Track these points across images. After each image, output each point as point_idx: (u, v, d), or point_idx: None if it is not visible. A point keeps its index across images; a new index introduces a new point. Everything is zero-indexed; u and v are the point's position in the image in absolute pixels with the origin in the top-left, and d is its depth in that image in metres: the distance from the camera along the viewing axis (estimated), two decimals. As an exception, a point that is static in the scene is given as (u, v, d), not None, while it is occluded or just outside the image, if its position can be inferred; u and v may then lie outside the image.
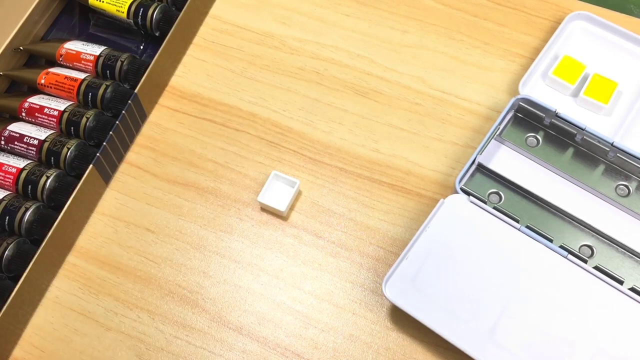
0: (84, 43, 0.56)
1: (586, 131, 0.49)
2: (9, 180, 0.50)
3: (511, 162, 0.50)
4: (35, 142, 0.51)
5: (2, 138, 0.52)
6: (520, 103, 0.51)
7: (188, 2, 0.56)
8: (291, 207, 0.51)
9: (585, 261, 0.45)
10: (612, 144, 0.48)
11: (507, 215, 0.47)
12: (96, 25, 0.60)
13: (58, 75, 0.55)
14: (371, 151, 0.53)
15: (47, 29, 0.60)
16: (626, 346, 0.43)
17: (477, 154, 0.49)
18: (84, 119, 0.52)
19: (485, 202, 0.48)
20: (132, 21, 0.57)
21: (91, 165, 0.50)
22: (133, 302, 0.48)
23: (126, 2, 0.57)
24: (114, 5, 0.57)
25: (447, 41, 0.57)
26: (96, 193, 0.52)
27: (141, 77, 0.53)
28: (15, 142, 0.52)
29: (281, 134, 0.54)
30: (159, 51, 0.54)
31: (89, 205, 0.52)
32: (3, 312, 0.44)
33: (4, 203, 0.49)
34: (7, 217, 0.48)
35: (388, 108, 0.55)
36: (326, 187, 0.52)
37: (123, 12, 0.57)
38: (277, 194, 0.51)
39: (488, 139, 0.49)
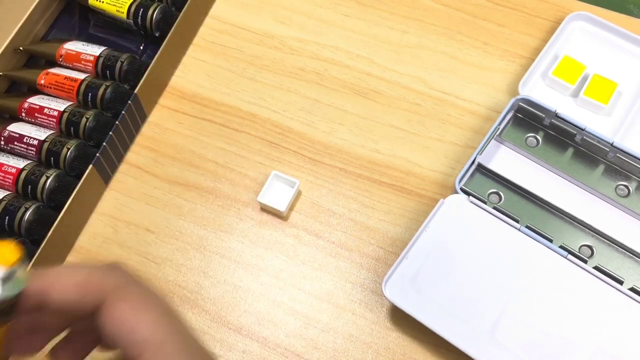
0: (84, 43, 0.56)
1: (586, 131, 0.49)
2: (9, 180, 0.50)
3: (511, 162, 0.50)
4: (35, 142, 0.51)
5: (2, 138, 0.52)
6: (520, 103, 0.51)
7: (188, 3, 0.56)
8: (291, 207, 0.51)
9: (585, 261, 0.45)
10: (612, 144, 0.48)
11: (507, 215, 0.47)
12: (96, 26, 0.60)
13: (58, 75, 0.55)
14: (371, 151, 0.53)
15: (47, 29, 0.60)
16: (626, 346, 0.43)
17: (477, 154, 0.49)
18: (84, 120, 0.52)
19: (485, 202, 0.48)
20: (131, 21, 0.57)
21: (91, 166, 0.50)
22: (133, 302, 0.48)
23: (126, 3, 0.57)
24: (113, 5, 0.57)
25: (447, 41, 0.57)
26: (96, 193, 0.52)
27: (141, 78, 0.53)
28: (15, 142, 0.52)
29: (281, 134, 0.54)
30: (159, 51, 0.54)
31: (89, 206, 0.52)
32: (3, 312, 0.44)
33: (3, 203, 0.49)
34: (7, 217, 0.48)
35: (388, 108, 0.55)
36: (326, 187, 0.52)
37: (123, 13, 0.57)
38: (277, 194, 0.51)
39: (488, 139, 0.49)
